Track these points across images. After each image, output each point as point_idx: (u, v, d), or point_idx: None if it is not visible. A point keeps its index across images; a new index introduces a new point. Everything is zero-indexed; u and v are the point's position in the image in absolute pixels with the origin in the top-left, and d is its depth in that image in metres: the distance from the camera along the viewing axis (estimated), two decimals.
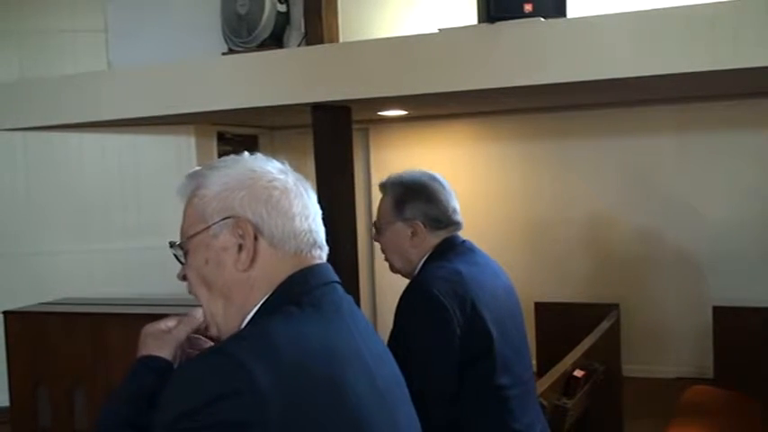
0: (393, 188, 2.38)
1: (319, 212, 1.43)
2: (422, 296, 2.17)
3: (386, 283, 7.41)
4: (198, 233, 1.37)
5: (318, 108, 5.06)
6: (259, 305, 1.35)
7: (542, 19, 4.22)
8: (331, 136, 5.20)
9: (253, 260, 1.34)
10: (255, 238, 1.34)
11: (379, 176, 7.28)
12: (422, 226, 2.32)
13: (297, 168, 1.46)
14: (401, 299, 2.23)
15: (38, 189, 6.75)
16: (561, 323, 5.35)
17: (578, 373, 3.91)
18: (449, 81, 4.49)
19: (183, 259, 1.42)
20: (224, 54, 5.38)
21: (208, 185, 1.38)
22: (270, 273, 1.35)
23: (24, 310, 5.46)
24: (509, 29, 4.26)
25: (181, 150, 6.72)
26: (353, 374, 1.28)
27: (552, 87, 4.44)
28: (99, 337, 5.04)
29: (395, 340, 2.18)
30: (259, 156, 1.43)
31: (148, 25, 5.85)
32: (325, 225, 1.43)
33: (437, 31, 4.53)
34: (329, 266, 1.43)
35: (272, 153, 7.91)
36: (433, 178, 2.39)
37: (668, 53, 3.97)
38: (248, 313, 1.35)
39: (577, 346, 4.24)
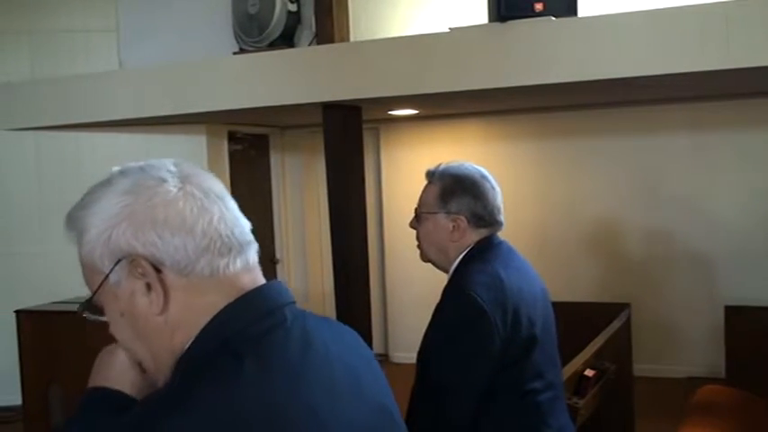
0: (442, 178, 2.32)
1: (228, 206, 1.19)
2: (465, 303, 2.12)
3: (396, 282, 7.43)
4: (100, 286, 1.17)
5: (329, 107, 5.07)
6: (188, 346, 1.14)
7: (553, 18, 4.21)
8: (341, 135, 5.20)
9: (167, 299, 1.13)
10: (159, 272, 1.12)
11: (389, 176, 7.35)
12: (465, 221, 2.27)
13: (306, 168, 1.29)
14: (441, 302, 2.20)
15: (49, 188, 6.77)
16: (572, 322, 5.33)
17: (589, 372, 3.91)
18: (459, 80, 4.49)
19: (102, 318, 1.23)
20: (235, 53, 5.40)
21: (86, 229, 1.16)
22: (191, 307, 1.14)
23: (37, 309, 5.48)
24: (520, 28, 4.26)
25: (192, 150, 6.73)
26: None
27: (563, 87, 4.43)
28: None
29: (430, 344, 2.16)
30: (131, 169, 1.20)
31: (159, 25, 5.87)
32: (336, 225, 1.24)
33: (448, 30, 4.53)
34: (275, 286, 1.21)
35: (283, 152, 7.94)
36: (484, 176, 2.34)
37: (681, 52, 3.96)
38: (178, 354, 1.15)
39: (588, 345, 4.23)
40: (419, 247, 2.38)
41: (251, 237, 1.20)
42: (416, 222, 2.37)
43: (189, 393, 1.04)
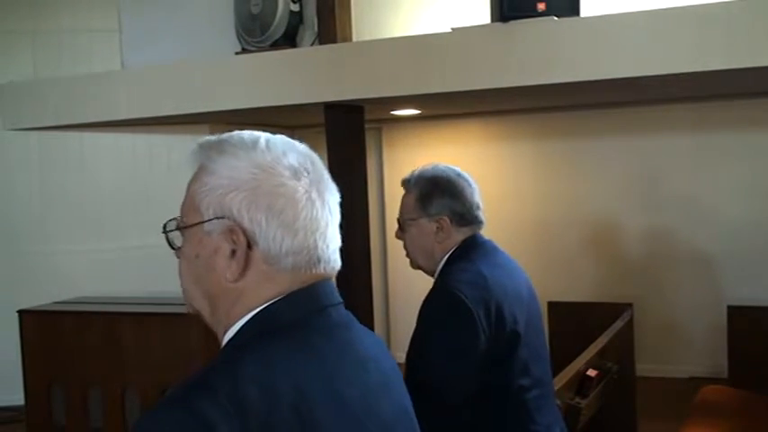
0: (418, 183, 2.34)
1: (334, 220, 1.27)
2: (448, 300, 2.14)
3: (399, 281, 7.43)
4: (193, 225, 1.22)
5: (331, 107, 5.07)
6: (243, 322, 1.21)
7: (555, 18, 4.21)
8: (344, 135, 5.20)
9: (243, 271, 1.19)
10: (249, 248, 1.18)
11: (391, 176, 7.34)
12: (447, 222, 2.29)
13: None
14: (426, 301, 2.20)
15: (52, 188, 6.78)
16: (575, 322, 5.34)
17: (592, 372, 3.90)
18: (462, 80, 4.49)
19: (176, 243, 1.27)
20: (237, 53, 5.40)
21: (211, 171, 1.21)
22: (260, 288, 1.20)
23: (39, 309, 5.48)
24: (522, 28, 4.26)
25: None
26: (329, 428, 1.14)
27: (565, 86, 4.43)
28: (113, 336, 5.05)
29: (416, 342, 2.17)
30: (276, 144, 1.24)
31: (162, 25, 5.88)
32: (339, 224, 1.29)
33: (450, 30, 4.53)
34: (328, 285, 1.27)
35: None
36: (459, 174, 2.35)
37: (683, 52, 3.96)
38: (232, 326, 1.21)
39: (591, 345, 4.23)
40: (408, 255, 2.40)
41: (338, 255, 1.28)
42: (401, 232, 2.39)
43: (224, 373, 1.10)
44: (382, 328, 7.49)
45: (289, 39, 5.32)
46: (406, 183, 2.39)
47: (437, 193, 2.30)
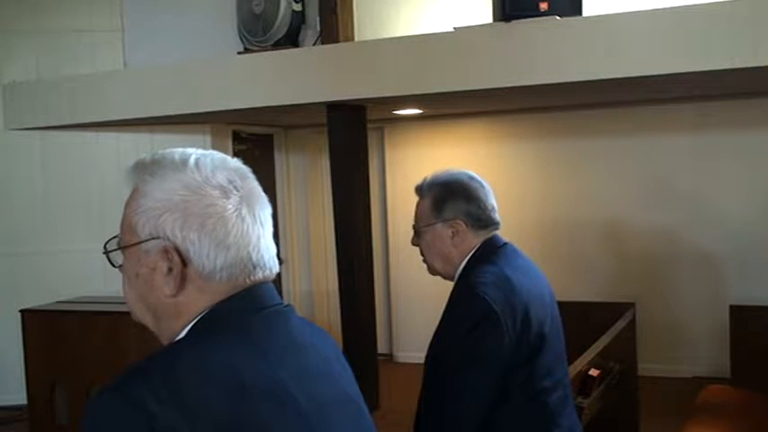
0: (431, 189, 2.31)
1: (266, 232, 1.31)
2: (475, 303, 2.11)
3: (400, 282, 7.42)
4: (130, 246, 1.28)
5: (333, 107, 5.07)
6: (186, 330, 1.26)
7: (558, 17, 4.21)
8: (346, 135, 5.20)
9: (181, 287, 1.25)
10: (185, 265, 1.24)
11: (394, 175, 7.34)
12: (463, 225, 2.26)
13: (311, 168, 1.33)
14: (450, 304, 2.19)
15: (54, 188, 6.78)
16: (577, 322, 5.32)
17: (594, 372, 3.90)
18: (464, 80, 4.49)
19: (117, 261, 1.32)
20: (239, 53, 5.41)
21: (144, 193, 1.27)
22: (199, 300, 1.26)
23: (42, 308, 5.49)
24: (524, 27, 4.26)
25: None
26: (267, 410, 1.19)
27: (568, 86, 4.43)
28: (116, 336, 5.06)
29: (439, 342, 2.15)
30: (206, 164, 1.28)
31: (164, 25, 5.88)
32: (340, 225, 1.28)
33: (452, 29, 4.53)
34: (267, 287, 1.31)
35: (287, 152, 7.92)
36: (471, 177, 2.33)
37: (685, 52, 3.96)
38: (176, 335, 1.27)
39: (593, 345, 4.23)
40: (425, 261, 2.37)
41: (275, 261, 1.33)
42: (417, 238, 2.36)
43: (159, 359, 1.18)
44: (384, 327, 7.49)
45: (291, 38, 5.32)
46: (419, 189, 2.36)
47: (451, 198, 2.28)
